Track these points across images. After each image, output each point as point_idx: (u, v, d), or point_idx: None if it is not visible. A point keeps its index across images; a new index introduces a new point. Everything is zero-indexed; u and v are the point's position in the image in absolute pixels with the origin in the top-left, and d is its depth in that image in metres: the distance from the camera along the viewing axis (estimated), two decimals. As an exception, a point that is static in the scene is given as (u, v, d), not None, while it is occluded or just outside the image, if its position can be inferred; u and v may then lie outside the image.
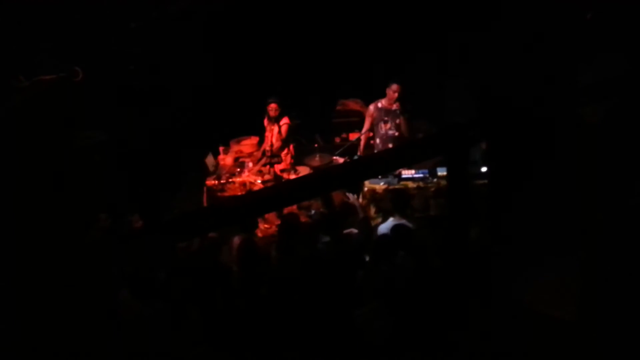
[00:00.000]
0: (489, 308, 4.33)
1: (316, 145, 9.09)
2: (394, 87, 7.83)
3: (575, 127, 5.49)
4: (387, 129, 7.99)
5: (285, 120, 8.42)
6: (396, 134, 7.94)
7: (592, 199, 5.14)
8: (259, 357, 4.40)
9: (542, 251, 5.09)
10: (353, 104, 10.06)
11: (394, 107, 7.90)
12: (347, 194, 6.81)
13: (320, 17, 9.85)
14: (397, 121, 7.92)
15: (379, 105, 8.03)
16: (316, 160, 8.63)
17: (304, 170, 8.46)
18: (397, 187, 7.47)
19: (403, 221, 6.21)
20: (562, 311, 4.58)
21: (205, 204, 8.32)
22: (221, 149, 9.09)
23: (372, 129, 8.21)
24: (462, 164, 3.19)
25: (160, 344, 4.46)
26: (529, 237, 5.19)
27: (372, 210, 7.56)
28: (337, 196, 7.73)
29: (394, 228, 5.74)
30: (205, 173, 8.70)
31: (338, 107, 10.07)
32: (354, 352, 4.39)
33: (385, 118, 7.97)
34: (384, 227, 6.26)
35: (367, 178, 7.27)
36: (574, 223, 5.11)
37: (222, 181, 8.39)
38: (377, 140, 8.11)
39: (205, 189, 8.44)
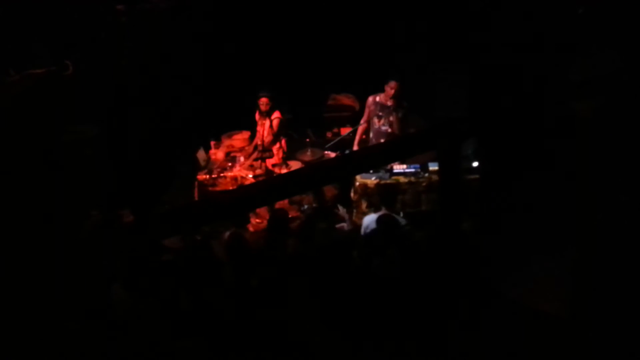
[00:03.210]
0: (481, 303, 4.34)
1: (308, 139, 9.08)
2: (392, 84, 7.82)
3: (568, 123, 5.50)
4: (380, 124, 7.98)
5: (276, 115, 8.41)
6: (389, 130, 7.93)
7: (585, 196, 5.16)
8: (250, 350, 4.41)
9: (534, 247, 5.11)
10: (345, 99, 10.06)
11: (390, 103, 7.89)
12: (339, 206, 6.85)
13: (312, 11, 9.84)
14: (391, 118, 7.92)
15: (377, 99, 8.02)
16: (308, 155, 8.62)
17: (295, 165, 8.45)
18: (388, 182, 7.48)
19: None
20: (554, 307, 4.60)
21: (196, 199, 8.30)
22: (212, 143, 9.07)
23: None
24: (453, 159, 3.19)
25: (152, 337, 4.46)
26: (522, 234, 5.21)
27: (364, 205, 7.57)
28: (328, 190, 7.75)
29: (379, 218, 5.76)
30: (197, 167, 8.68)
31: (330, 102, 10.06)
32: (348, 345, 4.40)
33: (380, 113, 7.96)
34: (368, 219, 6.27)
35: (359, 172, 7.27)
36: (567, 220, 5.13)
37: (213, 176, 8.36)
38: (371, 135, 8.12)
39: (196, 183, 8.42)
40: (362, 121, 8.25)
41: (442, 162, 3.29)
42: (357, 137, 8.34)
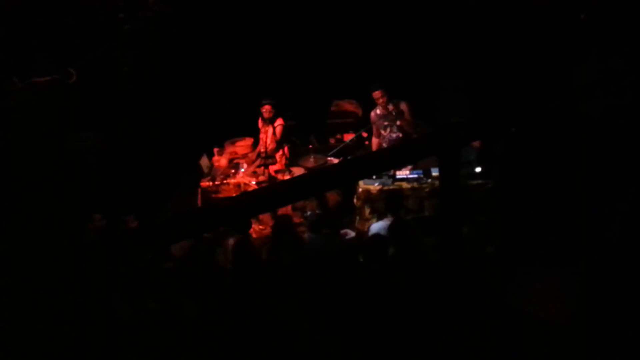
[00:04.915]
0: (482, 308, 4.34)
1: (311, 146, 9.09)
2: (375, 94, 7.83)
3: (574, 127, 5.50)
4: (389, 133, 7.98)
5: (279, 122, 8.43)
6: (400, 135, 7.93)
7: (589, 199, 5.16)
8: (253, 356, 4.41)
9: (537, 255, 5.10)
10: (348, 105, 10.07)
11: (388, 110, 7.89)
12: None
13: (316, 18, 9.87)
14: (398, 123, 7.92)
15: (377, 112, 8.03)
16: (311, 162, 8.62)
17: (298, 172, 8.44)
18: (391, 187, 7.48)
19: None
20: (555, 314, 4.59)
21: (199, 206, 8.31)
22: (215, 150, 9.09)
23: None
24: (453, 164, 3.20)
25: (153, 345, 4.46)
26: (529, 243, 5.21)
27: (367, 211, 7.57)
28: (331, 197, 7.75)
29: (391, 226, 5.76)
30: (200, 174, 8.70)
31: (332, 108, 10.08)
32: (348, 347, 4.40)
33: (385, 123, 7.96)
34: (376, 227, 6.29)
35: (361, 178, 7.27)
36: (571, 227, 5.12)
37: (216, 182, 8.38)
38: (384, 145, 8.09)
39: (199, 190, 8.44)
40: (373, 136, 8.25)
41: (443, 167, 3.30)
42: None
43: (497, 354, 4.18)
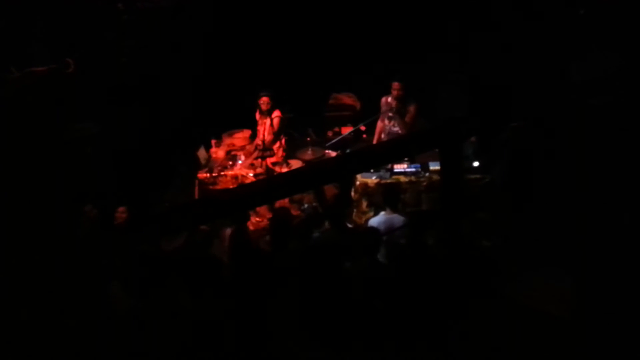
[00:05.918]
0: (481, 301, 4.34)
1: (308, 139, 9.08)
2: (394, 84, 7.79)
3: (572, 124, 5.50)
4: (390, 125, 7.96)
5: (276, 113, 8.41)
6: (399, 131, 7.91)
7: (589, 195, 5.17)
8: (251, 348, 4.40)
9: (541, 251, 5.11)
10: (346, 98, 10.06)
11: (394, 104, 7.87)
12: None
13: (314, 10, 9.83)
14: (398, 121, 7.90)
15: (388, 99, 8.00)
16: (308, 154, 8.62)
17: (296, 164, 8.45)
18: (389, 181, 7.48)
19: (394, 215, 6.24)
20: (557, 308, 4.59)
21: (196, 197, 8.30)
22: (213, 141, 9.07)
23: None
24: (455, 159, 3.19)
25: (151, 336, 4.45)
26: (531, 236, 5.21)
27: (364, 204, 7.57)
28: (329, 190, 7.74)
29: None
30: (197, 166, 8.69)
31: (331, 101, 10.06)
32: (345, 341, 4.39)
33: (390, 114, 7.95)
34: (374, 221, 6.28)
35: (359, 172, 7.27)
36: (573, 223, 5.12)
37: (214, 174, 8.37)
38: (383, 135, 8.09)
39: (196, 182, 8.43)
40: (379, 120, 8.22)
41: (444, 161, 3.29)
42: (376, 136, 8.28)
43: (497, 346, 4.18)
